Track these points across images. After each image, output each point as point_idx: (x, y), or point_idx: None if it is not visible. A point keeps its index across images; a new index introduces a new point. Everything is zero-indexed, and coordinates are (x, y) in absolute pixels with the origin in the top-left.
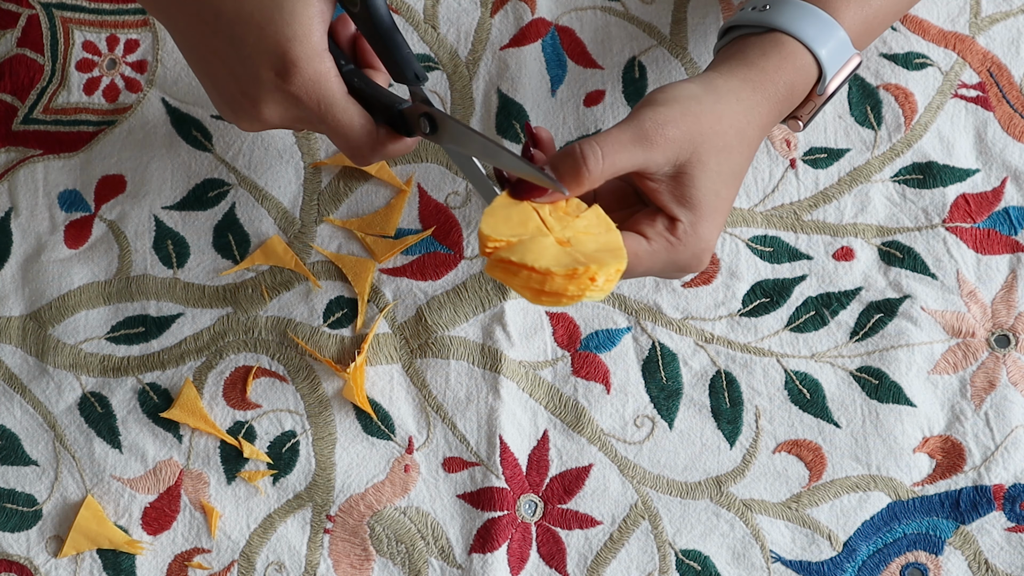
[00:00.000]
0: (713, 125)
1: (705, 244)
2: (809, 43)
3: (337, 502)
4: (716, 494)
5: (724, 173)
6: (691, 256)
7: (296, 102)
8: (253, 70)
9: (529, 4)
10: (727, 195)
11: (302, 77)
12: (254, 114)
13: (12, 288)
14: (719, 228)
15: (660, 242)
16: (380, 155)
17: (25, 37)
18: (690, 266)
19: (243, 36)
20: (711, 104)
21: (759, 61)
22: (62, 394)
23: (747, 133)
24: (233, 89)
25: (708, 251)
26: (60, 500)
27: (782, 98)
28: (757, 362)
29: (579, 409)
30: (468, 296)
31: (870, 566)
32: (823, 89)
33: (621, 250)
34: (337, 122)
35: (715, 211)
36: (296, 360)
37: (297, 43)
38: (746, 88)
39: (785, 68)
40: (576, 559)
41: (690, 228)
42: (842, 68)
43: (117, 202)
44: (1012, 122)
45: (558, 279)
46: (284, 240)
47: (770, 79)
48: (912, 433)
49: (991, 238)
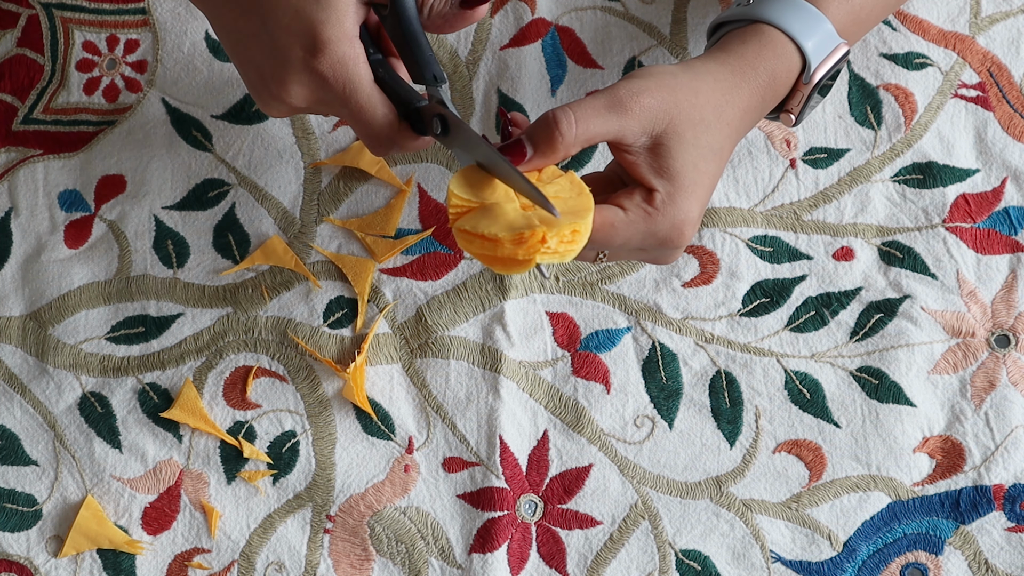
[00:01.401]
0: (689, 98)
1: (684, 216)
2: (792, 32)
3: (337, 502)
4: (716, 494)
5: (702, 146)
6: (670, 227)
7: (323, 83)
8: (284, 49)
9: (529, 4)
10: (706, 169)
11: (331, 58)
12: (281, 95)
13: (12, 288)
14: (700, 202)
15: (637, 212)
16: (396, 147)
17: (25, 37)
18: (670, 238)
19: (277, 17)
20: (687, 80)
21: (738, 48)
22: (62, 394)
23: (725, 111)
24: (264, 69)
25: (689, 224)
26: (60, 500)
27: (763, 84)
28: (757, 362)
29: (579, 409)
30: (468, 296)
31: (870, 566)
32: (808, 78)
33: (585, 211)
34: (360, 108)
35: (694, 183)
36: (296, 360)
37: (329, 25)
38: (724, 70)
39: (765, 55)
40: (576, 559)
41: (667, 198)
42: (828, 57)
43: (117, 202)
44: (1012, 122)
45: (507, 245)
46: (284, 240)
47: (749, 64)
48: (912, 433)
49: (991, 238)
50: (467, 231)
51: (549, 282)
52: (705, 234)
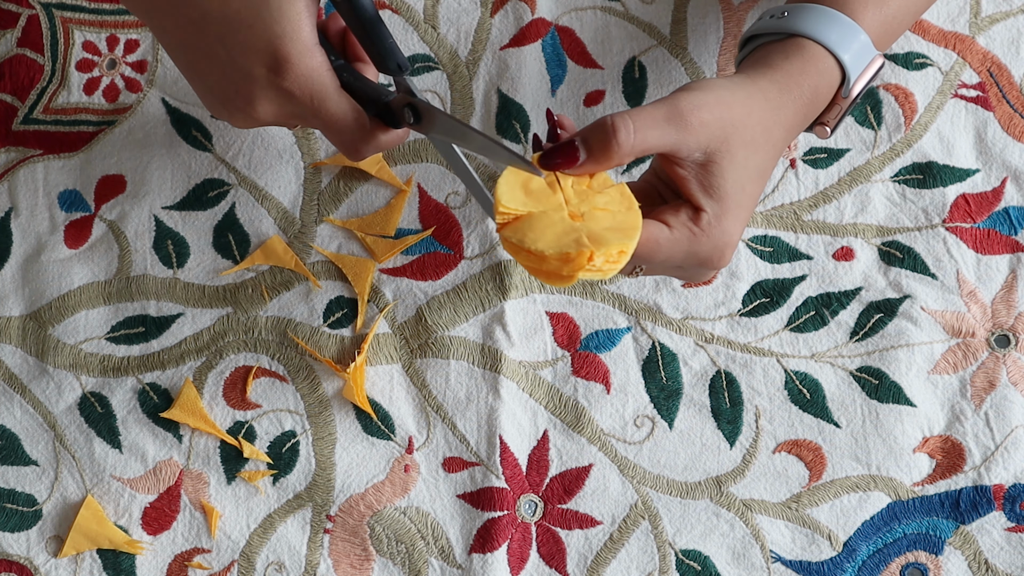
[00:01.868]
0: (743, 118)
1: (728, 238)
2: (832, 47)
3: (337, 502)
4: (716, 494)
5: (750, 168)
6: (712, 248)
7: (290, 98)
8: (245, 68)
9: (529, 4)
10: (752, 191)
11: (295, 73)
12: (248, 111)
13: (12, 288)
14: (742, 224)
15: (682, 231)
16: (373, 147)
17: (25, 37)
18: (711, 260)
19: (232, 34)
20: (743, 97)
21: (783, 64)
22: (62, 394)
23: (773, 132)
24: (225, 87)
25: (731, 247)
26: (60, 500)
27: (807, 101)
28: (757, 362)
29: (579, 409)
30: (468, 296)
31: (870, 566)
32: (848, 92)
33: (633, 230)
34: (330, 116)
35: (739, 205)
36: (296, 360)
37: (288, 40)
38: (773, 88)
39: (808, 71)
40: (576, 559)
41: (714, 220)
42: (865, 70)
43: (117, 202)
44: (1012, 122)
45: (552, 262)
46: (284, 240)
47: (795, 82)
48: (912, 433)
49: (991, 238)
50: (514, 243)
51: None
52: None
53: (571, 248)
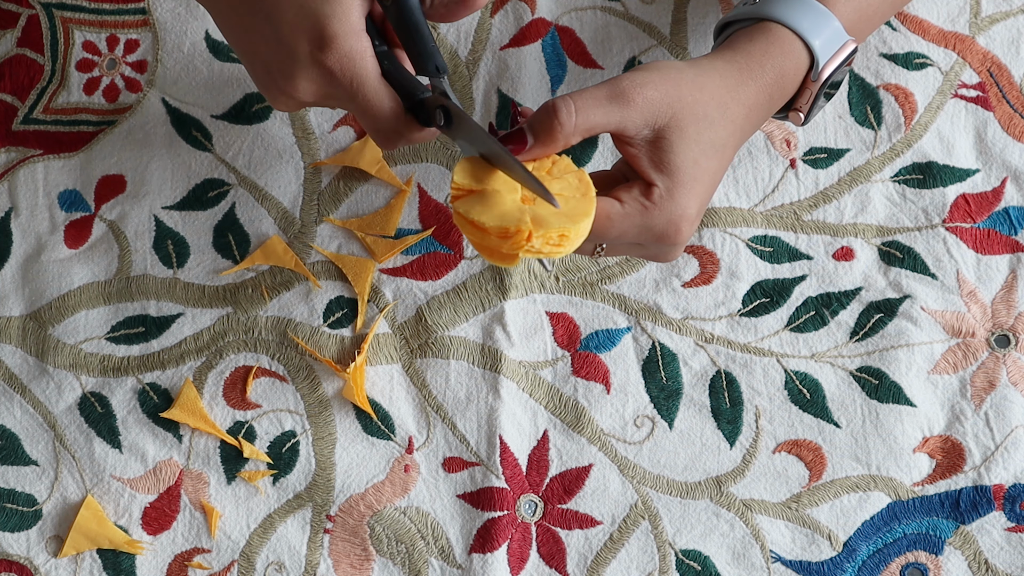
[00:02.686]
0: (693, 93)
1: (681, 211)
2: (799, 30)
3: (337, 502)
4: (716, 494)
5: (703, 142)
6: (666, 222)
7: (330, 77)
8: (290, 44)
9: (529, 4)
10: (707, 166)
11: (338, 52)
12: (289, 89)
13: (12, 288)
14: (698, 199)
15: (633, 206)
16: (403, 141)
17: (25, 37)
18: (667, 234)
19: (282, 13)
20: (692, 75)
21: (745, 46)
22: (62, 394)
23: (729, 108)
24: (269, 64)
25: (687, 220)
26: (60, 500)
27: (770, 82)
28: (757, 362)
29: (579, 409)
30: (468, 296)
31: (870, 566)
32: (816, 75)
33: (580, 216)
34: (368, 102)
35: (693, 179)
36: (296, 360)
37: (336, 20)
38: (731, 68)
39: (772, 52)
40: (576, 559)
41: (665, 193)
42: (836, 54)
43: (117, 202)
44: (1012, 122)
45: (493, 237)
46: (284, 240)
47: (756, 62)
48: (912, 433)
49: (991, 238)
50: (460, 214)
51: (550, 282)
52: (705, 234)
53: (511, 224)
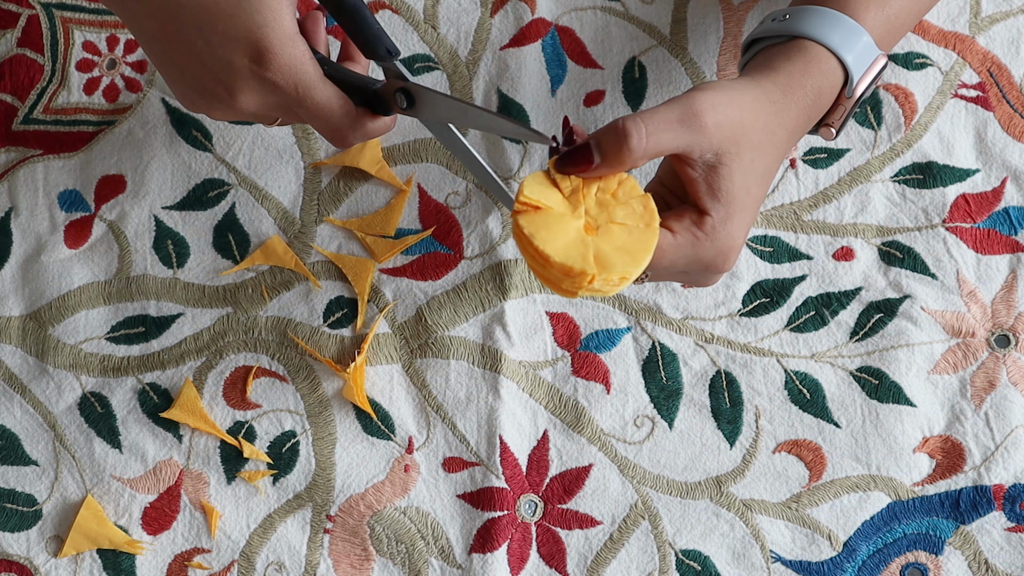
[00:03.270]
0: (752, 120)
1: (732, 242)
2: (834, 47)
3: (337, 502)
4: (716, 494)
5: (756, 171)
6: (716, 253)
7: (273, 88)
8: (226, 58)
9: (529, 4)
10: (756, 194)
11: (278, 62)
12: (230, 103)
13: (12, 288)
14: (747, 228)
15: (686, 236)
16: (361, 135)
17: (25, 37)
18: (715, 264)
19: (211, 25)
20: (750, 99)
21: (785, 66)
22: (62, 394)
23: (777, 135)
24: (205, 78)
25: (735, 250)
26: (60, 500)
27: (810, 103)
28: (757, 362)
29: (579, 409)
30: (468, 296)
31: (870, 566)
32: (851, 92)
33: (643, 253)
34: (316, 104)
35: (744, 208)
36: (296, 360)
37: (269, 29)
38: (776, 91)
39: (811, 72)
40: (576, 559)
41: (719, 224)
42: (869, 69)
43: (117, 202)
44: (1012, 122)
45: (554, 270)
46: (284, 240)
47: (797, 83)
48: (912, 433)
49: (991, 238)
50: (524, 235)
51: None
52: None
53: (576, 263)
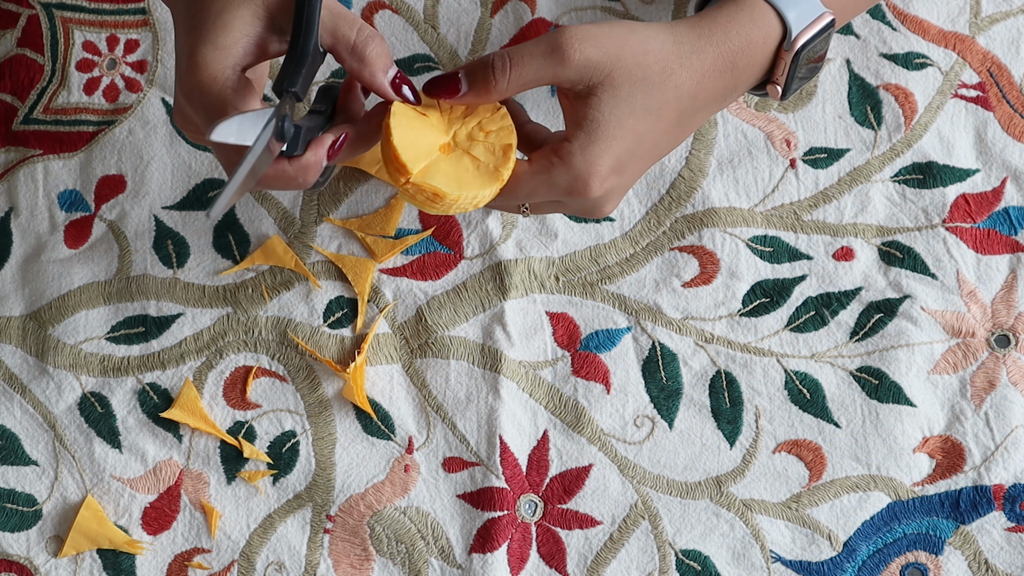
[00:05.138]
0: (637, 56)
1: (588, 167)
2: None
3: (337, 502)
4: (716, 494)
5: (635, 104)
6: (573, 178)
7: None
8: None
9: (529, 4)
10: (633, 126)
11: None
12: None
13: (12, 288)
14: (614, 156)
15: (540, 163)
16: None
17: (25, 37)
18: (574, 189)
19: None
20: (642, 37)
21: (711, 13)
22: (62, 394)
23: (675, 72)
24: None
25: (596, 176)
26: (60, 500)
27: (733, 48)
28: (757, 362)
29: (579, 409)
30: (468, 296)
31: (870, 566)
32: (789, 45)
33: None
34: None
35: (610, 137)
36: (296, 360)
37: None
38: (689, 32)
39: (739, 18)
40: (576, 559)
41: (578, 149)
42: (811, 24)
43: (117, 202)
44: (1012, 122)
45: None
46: (284, 240)
47: (720, 27)
48: (912, 433)
49: (991, 238)
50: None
51: (549, 282)
52: (705, 234)
53: (404, 154)
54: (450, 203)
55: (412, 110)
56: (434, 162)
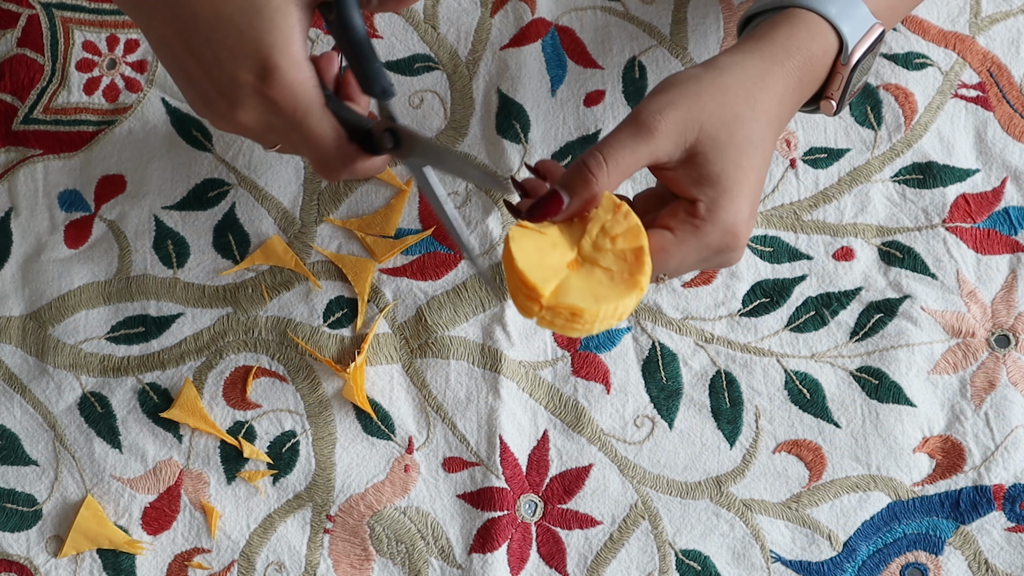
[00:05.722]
0: (717, 98)
1: (734, 218)
2: (827, 15)
3: (337, 502)
4: (716, 494)
5: (740, 143)
6: (723, 233)
7: (273, 107)
8: (231, 72)
9: (529, 4)
10: (748, 165)
11: (282, 83)
12: (229, 116)
13: (12, 288)
14: (748, 199)
15: (685, 229)
16: (349, 171)
17: (25, 37)
18: (725, 244)
19: (221, 38)
20: (712, 79)
21: (770, 34)
22: (62, 394)
23: (759, 100)
24: (208, 88)
25: (741, 224)
26: (60, 500)
27: (799, 66)
28: (757, 362)
29: (579, 409)
30: (468, 296)
31: (870, 566)
32: (846, 59)
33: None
34: (311, 131)
35: (737, 183)
36: (296, 360)
37: (278, 51)
38: (752, 59)
39: (798, 35)
40: (576, 559)
41: (712, 205)
42: (864, 36)
43: (117, 202)
44: (1012, 122)
45: (515, 277)
46: (284, 240)
47: (781, 47)
48: (912, 433)
49: (991, 238)
50: (508, 240)
51: None
52: None
53: (533, 275)
54: (590, 319)
55: (531, 229)
56: (565, 280)
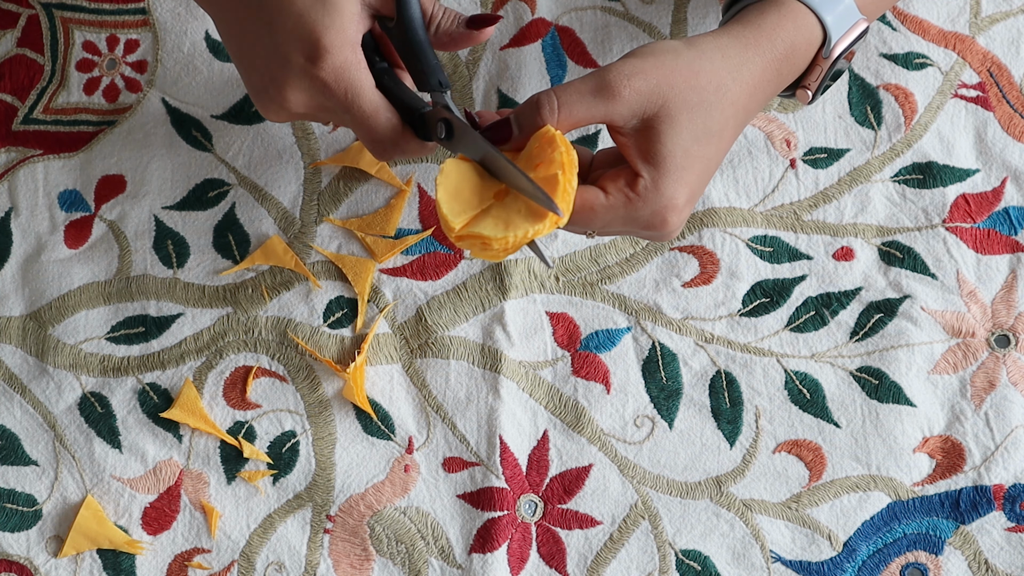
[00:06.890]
0: (688, 79)
1: (667, 202)
2: (811, 4)
3: (337, 502)
4: (716, 494)
5: (697, 130)
6: (651, 214)
7: (323, 88)
8: (284, 54)
9: (529, 4)
10: (699, 153)
11: (332, 63)
12: (280, 100)
13: (12, 288)
14: (688, 187)
15: (617, 197)
16: (400, 152)
17: (25, 37)
18: (653, 224)
19: (281, 22)
20: (690, 59)
21: (755, 20)
22: (62, 394)
23: (729, 90)
24: (263, 74)
25: (673, 210)
26: (60, 500)
27: (780, 56)
28: (757, 362)
29: (579, 409)
30: (468, 296)
31: (870, 566)
32: (828, 52)
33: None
34: (363, 112)
35: (682, 168)
36: (296, 360)
37: (331, 31)
38: (735, 45)
39: (784, 25)
40: (576, 559)
41: (651, 184)
42: (848, 31)
43: (117, 202)
44: (1012, 122)
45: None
46: (284, 240)
47: (766, 36)
48: (912, 433)
49: (991, 238)
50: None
51: (550, 281)
52: (705, 234)
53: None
54: (500, 247)
55: (468, 163)
56: (485, 210)
